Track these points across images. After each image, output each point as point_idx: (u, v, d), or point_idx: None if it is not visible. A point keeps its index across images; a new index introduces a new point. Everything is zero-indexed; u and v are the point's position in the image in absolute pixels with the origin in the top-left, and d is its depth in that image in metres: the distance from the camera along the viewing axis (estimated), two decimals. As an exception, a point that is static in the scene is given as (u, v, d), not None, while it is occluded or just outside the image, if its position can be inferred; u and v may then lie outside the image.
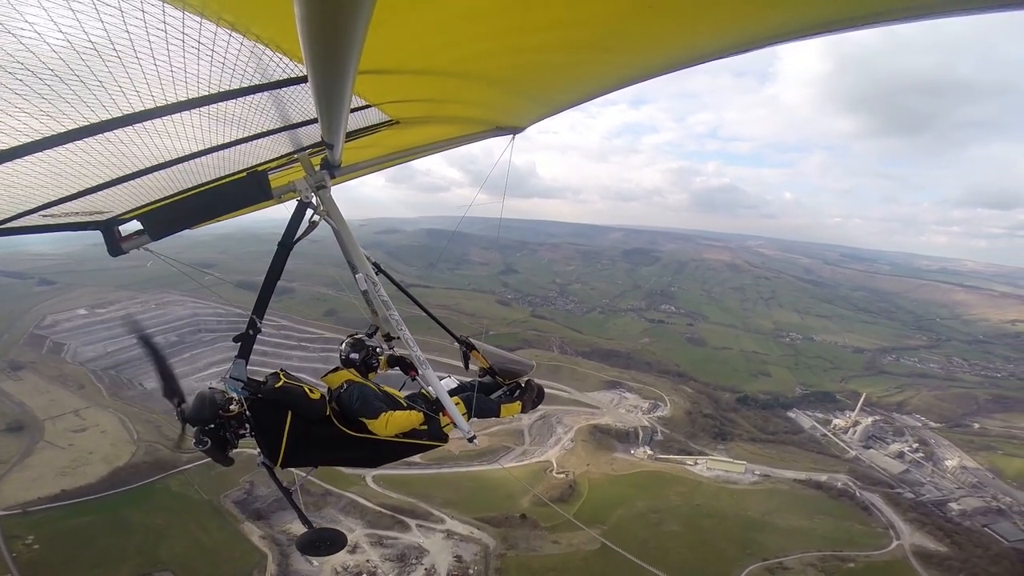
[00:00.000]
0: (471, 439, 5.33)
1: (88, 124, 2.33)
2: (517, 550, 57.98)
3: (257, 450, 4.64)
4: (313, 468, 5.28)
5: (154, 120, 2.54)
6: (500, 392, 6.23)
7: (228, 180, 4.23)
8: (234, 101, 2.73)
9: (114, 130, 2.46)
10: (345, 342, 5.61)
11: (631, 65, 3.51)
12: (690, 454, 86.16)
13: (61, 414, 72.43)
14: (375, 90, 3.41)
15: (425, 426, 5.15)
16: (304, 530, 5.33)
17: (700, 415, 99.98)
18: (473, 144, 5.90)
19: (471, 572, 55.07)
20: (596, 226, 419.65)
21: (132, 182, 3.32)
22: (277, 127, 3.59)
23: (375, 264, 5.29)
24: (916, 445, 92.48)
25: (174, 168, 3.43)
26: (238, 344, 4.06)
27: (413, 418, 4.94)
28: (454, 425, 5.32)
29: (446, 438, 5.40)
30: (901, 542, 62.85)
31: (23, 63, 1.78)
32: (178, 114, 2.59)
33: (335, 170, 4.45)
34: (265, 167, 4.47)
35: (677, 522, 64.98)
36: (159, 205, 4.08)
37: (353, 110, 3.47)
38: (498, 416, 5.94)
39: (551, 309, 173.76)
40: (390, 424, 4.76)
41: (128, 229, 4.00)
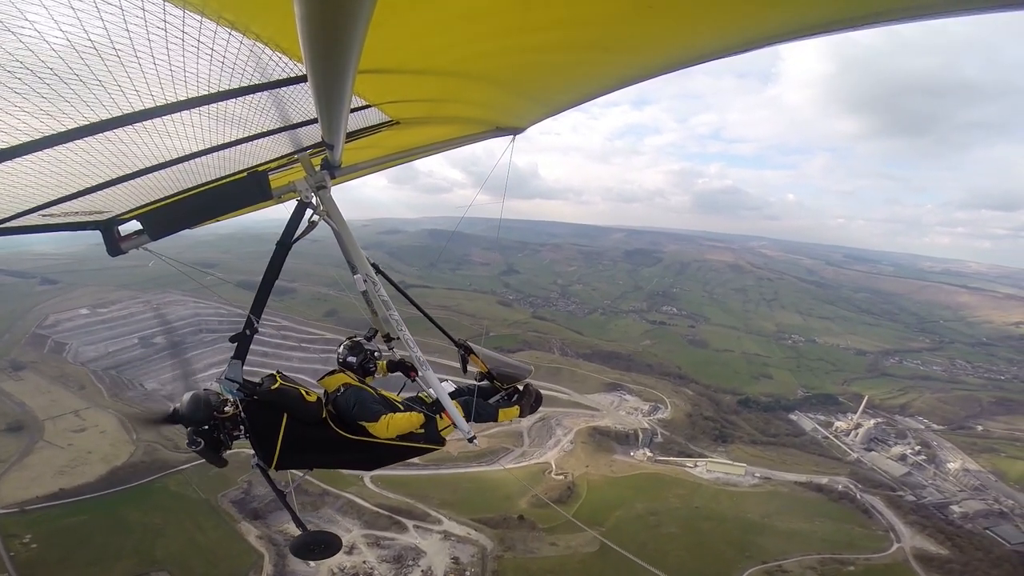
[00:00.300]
0: (471, 439, 5.35)
1: (88, 123, 2.33)
2: (514, 551, 57.82)
3: (252, 451, 4.63)
4: (308, 470, 5.26)
5: (154, 120, 2.54)
6: (498, 396, 6.23)
7: (228, 180, 4.23)
8: (234, 101, 2.74)
9: (114, 129, 2.46)
10: (343, 344, 5.59)
11: (631, 65, 3.52)
12: (690, 456, 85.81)
13: (61, 414, 72.66)
14: (375, 90, 3.42)
15: (423, 429, 5.14)
16: (298, 532, 5.29)
17: (701, 417, 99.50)
18: (475, 145, 5.98)
19: (468, 574, 54.93)
20: (598, 227, 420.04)
21: (132, 182, 3.32)
22: (277, 127, 3.60)
23: (374, 265, 5.29)
24: (918, 447, 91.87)
25: (174, 168, 3.43)
26: (235, 344, 4.06)
27: (414, 420, 4.93)
28: (454, 426, 5.32)
29: (443, 442, 5.40)
30: (902, 545, 62.41)
31: (23, 62, 1.78)
32: (178, 113, 2.60)
33: (335, 170, 4.45)
34: (265, 167, 4.47)
35: (676, 524, 64.68)
36: (159, 205, 4.07)
37: (353, 110, 3.49)
38: (496, 421, 5.94)
39: (552, 310, 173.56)
40: (391, 426, 4.74)
41: (128, 229, 3.99)
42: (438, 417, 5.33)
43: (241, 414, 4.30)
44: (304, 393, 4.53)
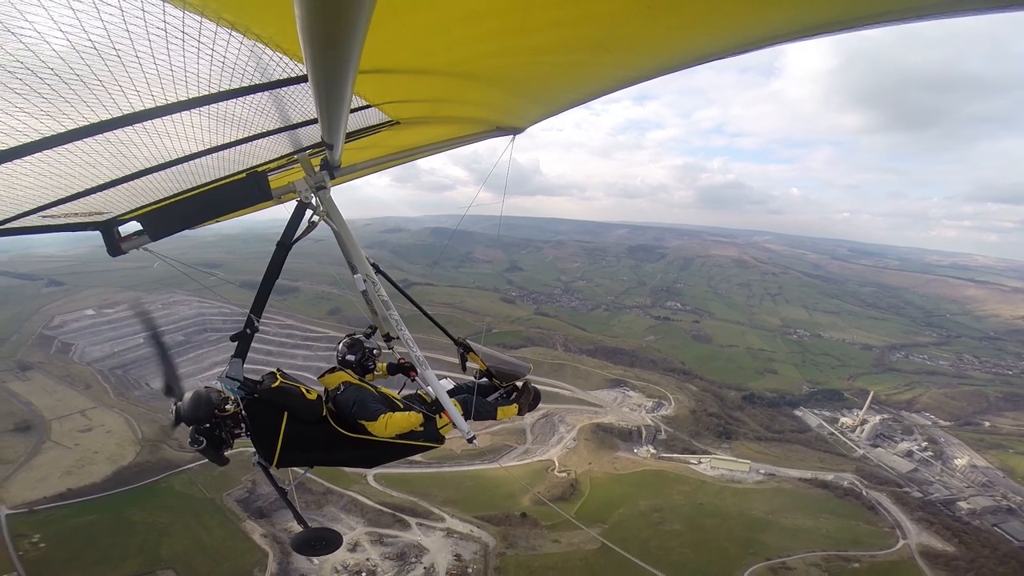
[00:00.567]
0: (471, 439, 5.33)
1: (88, 124, 2.33)
2: (517, 549, 57.93)
3: (254, 449, 4.68)
4: (309, 468, 5.31)
5: (154, 120, 2.54)
6: (497, 394, 6.24)
7: (228, 181, 4.23)
8: (234, 101, 2.74)
9: (114, 130, 2.46)
10: (342, 342, 5.58)
11: (631, 66, 3.50)
12: (694, 453, 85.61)
13: (68, 414, 73.49)
14: (375, 90, 3.43)
15: (422, 427, 5.13)
16: (299, 529, 5.35)
17: (705, 413, 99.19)
18: (477, 143, 5.98)
19: (470, 571, 55.09)
20: (601, 223, 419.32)
21: (132, 183, 3.33)
22: (277, 127, 3.61)
23: (374, 264, 5.32)
24: (925, 444, 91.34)
25: (174, 169, 3.44)
26: (235, 343, 4.08)
27: (412, 419, 4.92)
28: (453, 425, 5.32)
29: (442, 439, 5.40)
30: (908, 542, 62.01)
31: (23, 63, 1.78)
32: (178, 114, 2.60)
33: (335, 171, 4.46)
34: (265, 168, 4.48)
35: (679, 521, 64.55)
36: (159, 206, 4.07)
37: (353, 110, 3.50)
38: (495, 418, 5.95)
39: (555, 307, 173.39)
40: (389, 426, 4.75)
41: (128, 229, 3.98)
42: (437, 416, 5.34)
43: (242, 412, 4.34)
44: (304, 391, 4.58)
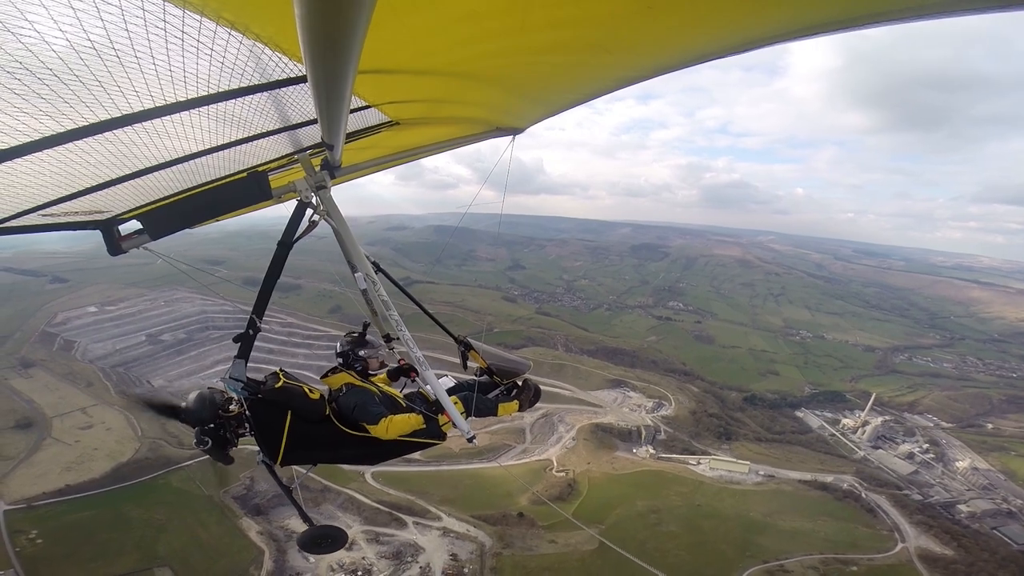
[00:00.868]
0: (470, 439, 5.37)
1: (88, 124, 2.33)
2: (513, 549, 57.94)
3: (256, 447, 4.73)
4: (312, 466, 5.39)
5: (154, 120, 2.54)
6: (497, 391, 6.29)
7: (228, 180, 4.24)
8: (234, 101, 2.75)
9: (114, 130, 2.46)
10: (341, 341, 5.58)
11: (632, 66, 3.51)
12: (693, 454, 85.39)
13: (69, 411, 74.00)
14: (375, 91, 3.44)
15: (424, 426, 5.20)
16: (305, 527, 5.40)
17: (705, 414, 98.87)
18: (479, 143, 6.02)
19: (466, 571, 55.13)
20: (604, 222, 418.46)
21: (132, 182, 3.34)
22: (277, 127, 3.63)
23: (375, 263, 5.35)
24: (926, 446, 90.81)
25: (174, 168, 3.45)
26: (238, 344, 4.11)
27: (412, 421, 4.99)
28: (453, 425, 5.38)
29: (444, 436, 5.48)
30: (906, 545, 61.66)
31: (23, 63, 1.78)
32: (178, 114, 2.60)
33: (335, 170, 4.48)
34: (265, 167, 4.50)
35: (676, 522, 64.42)
36: (159, 205, 4.08)
37: (353, 111, 3.52)
38: (496, 415, 6.00)
39: (557, 306, 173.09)
40: (390, 429, 4.83)
41: (128, 228, 3.99)
42: (438, 416, 5.42)
43: (246, 413, 4.39)
44: (307, 391, 4.63)
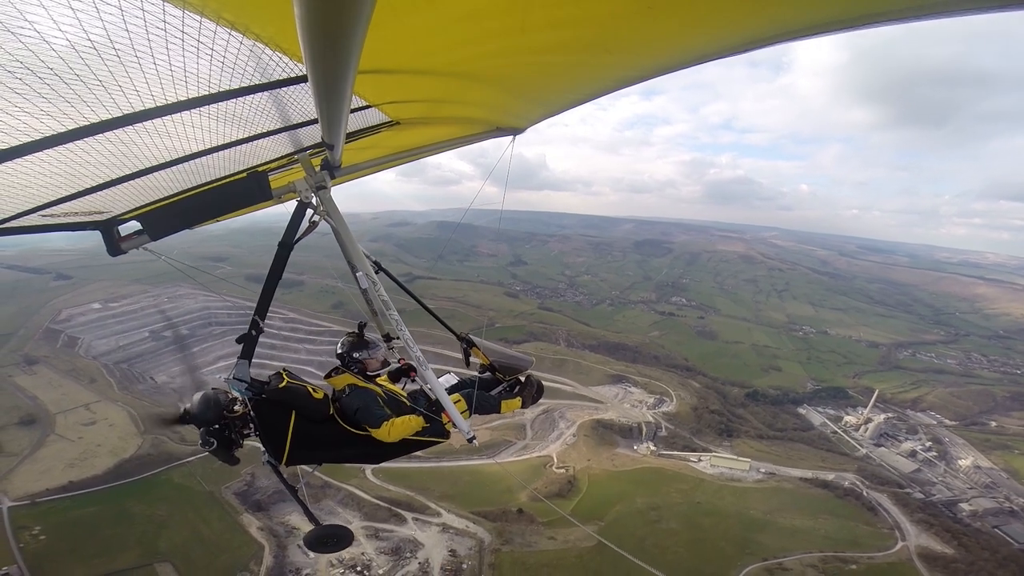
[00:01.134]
0: (471, 439, 5.42)
1: (88, 124, 2.34)
2: (512, 545, 58.10)
3: (259, 444, 4.75)
4: (317, 465, 5.40)
5: (154, 120, 2.55)
6: (500, 388, 6.31)
7: (228, 180, 4.24)
8: (234, 101, 2.76)
9: (114, 130, 2.47)
10: (341, 342, 5.54)
11: (632, 66, 3.50)
12: (694, 451, 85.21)
13: (72, 408, 74.62)
14: (375, 91, 3.46)
15: (427, 425, 5.25)
16: (311, 527, 5.40)
17: (707, 411, 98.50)
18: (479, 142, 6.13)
19: (465, 567, 55.36)
20: (607, 217, 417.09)
21: (132, 182, 3.35)
22: (277, 127, 3.63)
23: (375, 263, 5.40)
24: (929, 443, 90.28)
25: (174, 168, 3.45)
26: (240, 345, 4.12)
27: (414, 423, 5.01)
28: (454, 425, 5.42)
29: (448, 434, 5.51)
30: (906, 543, 61.38)
31: (23, 62, 1.79)
32: (178, 114, 2.61)
33: (335, 171, 4.48)
34: (265, 167, 4.51)
35: (676, 520, 64.37)
36: (158, 205, 4.08)
37: (353, 111, 3.52)
38: (498, 412, 6.03)
39: (559, 301, 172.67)
40: (392, 432, 4.86)
41: (128, 229, 3.99)
42: (440, 415, 5.45)
43: (250, 413, 4.40)
44: (311, 391, 4.67)
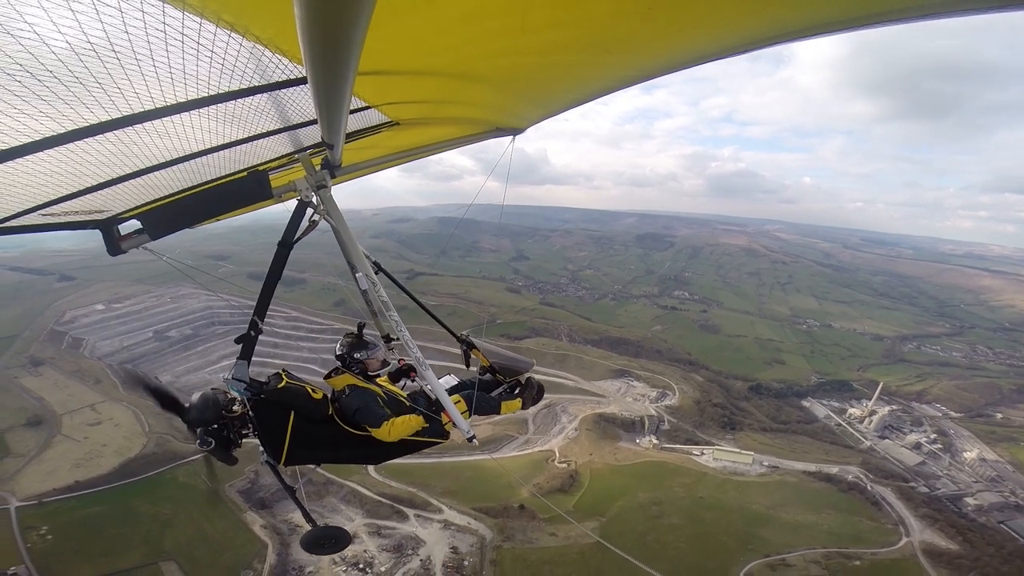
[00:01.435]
0: (470, 439, 5.42)
1: (88, 125, 2.34)
2: (513, 542, 58.23)
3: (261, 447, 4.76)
4: (316, 465, 5.43)
5: (154, 121, 2.56)
6: (500, 389, 6.33)
7: (228, 179, 4.25)
8: (234, 102, 2.77)
9: (114, 131, 2.47)
10: (340, 342, 5.53)
11: (632, 66, 3.50)
12: (697, 444, 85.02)
13: (78, 408, 75.20)
14: (375, 92, 3.47)
15: (427, 425, 5.24)
16: (308, 528, 5.38)
17: (709, 404, 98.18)
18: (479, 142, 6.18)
19: (467, 563, 55.59)
20: (609, 211, 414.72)
21: (131, 181, 3.36)
22: (278, 128, 3.64)
23: (375, 263, 5.37)
24: (934, 436, 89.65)
25: (174, 168, 3.45)
26: (239, 345, 4.10)
27: (414, 423, 5.01)
28: (454, 424, 5.43)
29: (447, 435, 5.53)
30: (911, 539, 61.05)
31: (23, 64, 1.79)
32: (178, 115, 2.61)
33: (336, 170, 4.49)
34: (266, 167, 4.52)
35: (678, 515, 64.31)
36: (158, 204, 4.08)
37: (353, 111, 3.53)
38: (498, 413, 6.06)
39: (561, 296, 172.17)
40: (392, 432, 4.86)
41: (128, 228, 3.98)
42: (440, 415, 5.44)
43: (249, 413, 4.41)
44: (310, 391, 4.66)
